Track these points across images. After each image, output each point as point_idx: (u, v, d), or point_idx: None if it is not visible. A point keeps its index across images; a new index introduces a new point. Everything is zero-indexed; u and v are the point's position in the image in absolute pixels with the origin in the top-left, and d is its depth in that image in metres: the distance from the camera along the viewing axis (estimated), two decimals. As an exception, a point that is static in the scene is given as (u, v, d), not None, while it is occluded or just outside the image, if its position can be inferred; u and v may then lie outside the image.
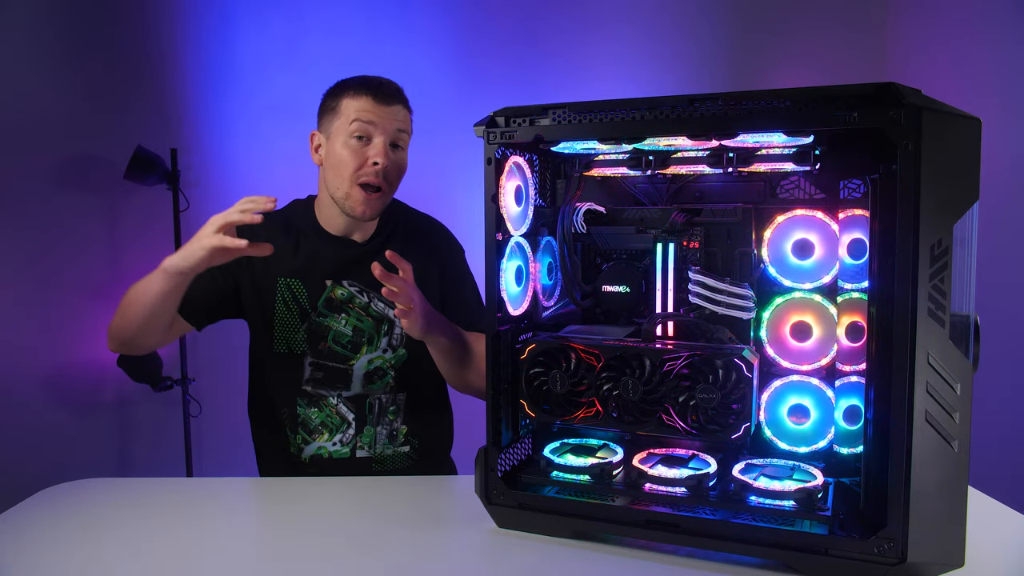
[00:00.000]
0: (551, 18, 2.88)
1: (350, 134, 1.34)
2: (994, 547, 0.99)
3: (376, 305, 1.44)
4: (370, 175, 1.34)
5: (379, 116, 1.34)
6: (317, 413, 1.43)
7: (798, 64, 2.91)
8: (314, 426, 1.43)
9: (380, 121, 1.34)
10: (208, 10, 2.77)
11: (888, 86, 0.84)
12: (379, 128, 1.35)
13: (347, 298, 1.43)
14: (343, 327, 1.42)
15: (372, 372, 1.44)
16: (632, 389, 1.02)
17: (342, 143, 1.35)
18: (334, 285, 1.43)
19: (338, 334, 1.42)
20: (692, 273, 1.11)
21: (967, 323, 0.88)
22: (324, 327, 1.42)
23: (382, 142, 1.35)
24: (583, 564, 0.98)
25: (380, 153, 1.34)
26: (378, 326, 1.44)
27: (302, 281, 1.42)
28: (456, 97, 2.84)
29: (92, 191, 2.66)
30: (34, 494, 1.23)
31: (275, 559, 1.00)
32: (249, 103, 2.79)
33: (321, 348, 1.42)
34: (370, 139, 1.35)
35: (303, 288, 1.42)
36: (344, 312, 1.43)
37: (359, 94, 1.35)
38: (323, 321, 1.42)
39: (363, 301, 1.43)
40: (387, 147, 1.36)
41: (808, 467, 1.06)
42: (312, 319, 1.42)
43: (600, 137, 1.02)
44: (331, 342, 1.42)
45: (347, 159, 1.34)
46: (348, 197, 1.36)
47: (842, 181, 1.08)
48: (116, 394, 2.71)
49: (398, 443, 1.48)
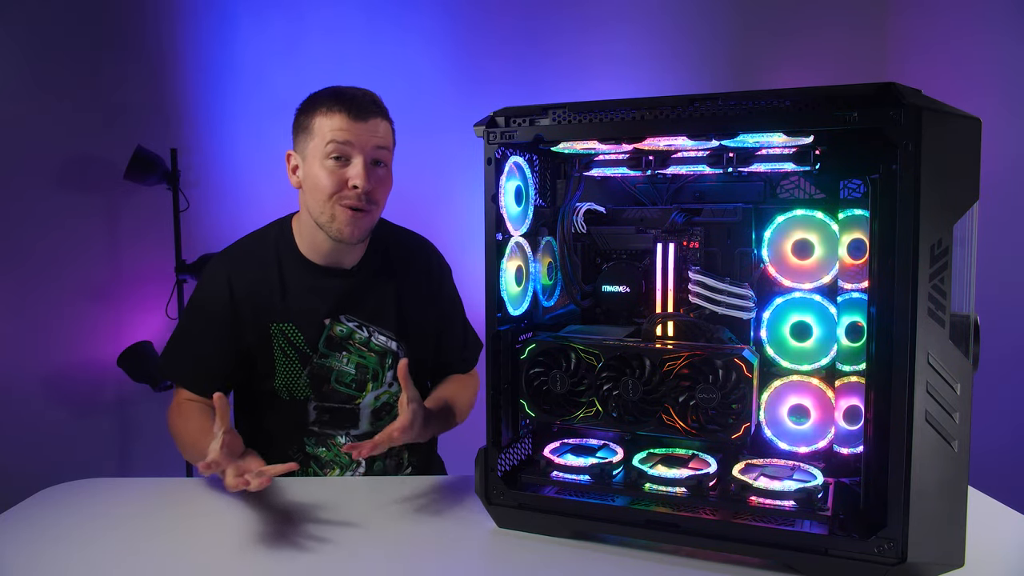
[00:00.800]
0: (551, 18, 2.88)
1: (326, 155, 1.24)
2: (994, 547, 0.99)
3: (377, 339, 1.38)
4: (351, 199, 1.25)
5: (355, 135, 1.24)
6: (325, 452, 1.38)
7: (798, 64, 2.91)
8: (324, 463, 1.38)
9: (357, 140, 1.24)
10: (208, 10, 2.77)
11: (888, 86, 0.84)
12: (356, 148, 1.24)
13: (347, 335, 1.35)
14: (346, 366, 1.35)
15: (379, 408, 1.39)
16: (632, 389, 1.02)
17: (319, 165, 1.25)
18: (332, 323, 1.35)
19: (341, 374, 1.35)
20: (692, 273, 1.11)
21: (967, 323, 0.88)
22: (327, 368, 1.34)
23: (361, 163, 1.25)
24: (583, 564, 0.97)
25: (359, 175, 1.24)
26: (382, 361, 1.38)
27: (296, 325, 1.33)
28: (456, 97, 2.84)
29: (92, 191, 2.66)
30: (34, 494, 1.23)
31: (275, 559, 1.00)
32: (249, 103, 2.79)
33: (325, 390, 1.35)
34: (348, 159, 1.25)
35: (298, 332, 1.33)
36: (345, 350, 1.35)
37: (332, 111, 1.24)
38: (325, 362, 1.34)
39: (363, 336, 1.36)
40: (367, 167, 1.26)
41: (808, 467, 1.06)
42: (314, 362, 1.34)
43: (600, 137, 1.02)
44: (335, 383, 1.35)
45: (325, 183, 1.25)
46: (333, 219, 1.27)
47: (842, 181, 1.08)
48: (116, 394, 2.72)
49: (403, 469, 1.44)
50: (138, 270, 2.72)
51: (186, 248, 2.63)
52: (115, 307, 2.70)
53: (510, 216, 1.09)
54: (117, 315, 2.71)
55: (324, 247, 1.34)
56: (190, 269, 2.55)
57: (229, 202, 2.76)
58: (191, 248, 2.64)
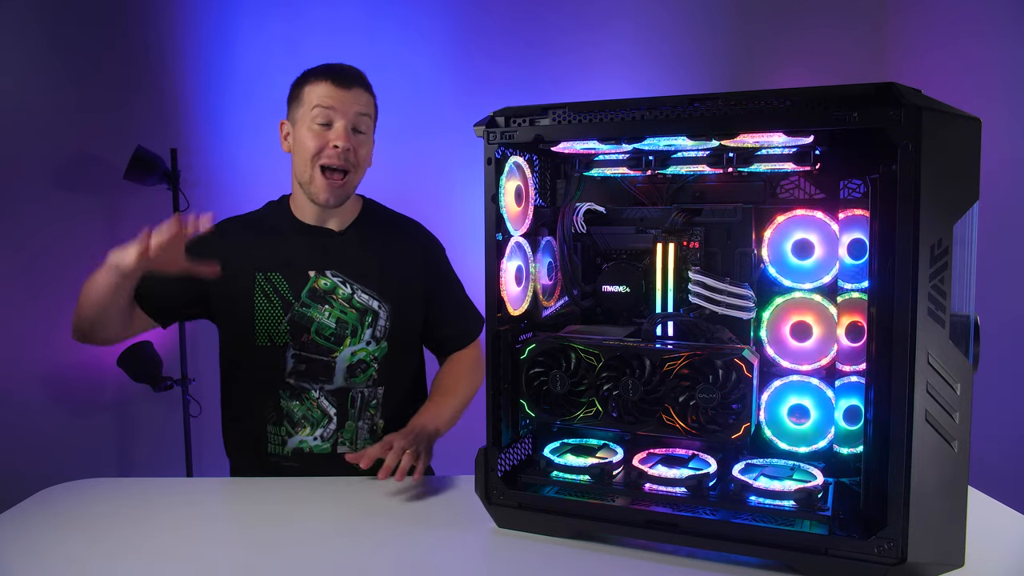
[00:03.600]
0: (551, 18, 2.88)
1: (312, 119, 1.37)
2: (994, 547, 0.99)
3: (360, 296, 1.44)
4: (332, 157, 1.37)
5: (339, 101, 1.37)
6: (299, 406, 1.42)
7: (798, 64, 2.91)
8: (296, 419, 1.42)
9: (340, 106, 1.37)
10: (208, 10, 2.77)
11: (888, 86, 0.84)
12: (339, 112, 1.37)
13: (330, 288, 1.43)
14: (326, 319, 1.42)
15: (355, 365, 1.44)
16: (632, 389, 1.02)
17: (306, 129, 1.38)
18: (317, 275, 1.43)
19: (321, 326, 1.41)
20: (692, 273, 1.11)
21: (967, 323, 0.88)
22: (307, 318, 1.41)
23: (343, 126, 1.37)
24: (583, 564, 0.98)
25: (340, 136, 1.36)
26: (362, 317, 1.44)
27: (282, 274, 1.42)
28: (456, 97, 2.84)
29: (92, 191, 2.66)
30: (34, 494, 1.23)
31: (275, 559, 1.00)
32: (249, 103, 2.79)
33: (304, 340, 1.41)
34: (331, 124, 1.37)
35: (283, 280, 1.42)
36: (327, 303, 1.42)
37: (319, 80, 1.38)
38: (306, 312, 1.41)
39: (346, 292, 1.43)
40: (348, 131, 1.38)
41: (808, 467, 1.06)
42: (295, 310, 1.41)
43: (600, 137, 1.02)
44: (314, 334, 1.41)
45: (309, 143, 1.37)
46: (311, 182, 1.39)
47: (842, 181, 1.08)
48: (116, 394, 2.72)
49: (377, 438, 1.46)
50: (138, 270, 2.72)
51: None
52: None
53: (510, 216, 1.09)
54: (117, 315, 2.71)
55: (311, 208, 1.45)
56: (190, 269, 2.55)
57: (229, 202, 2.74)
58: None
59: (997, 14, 2.28)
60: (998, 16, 2.28)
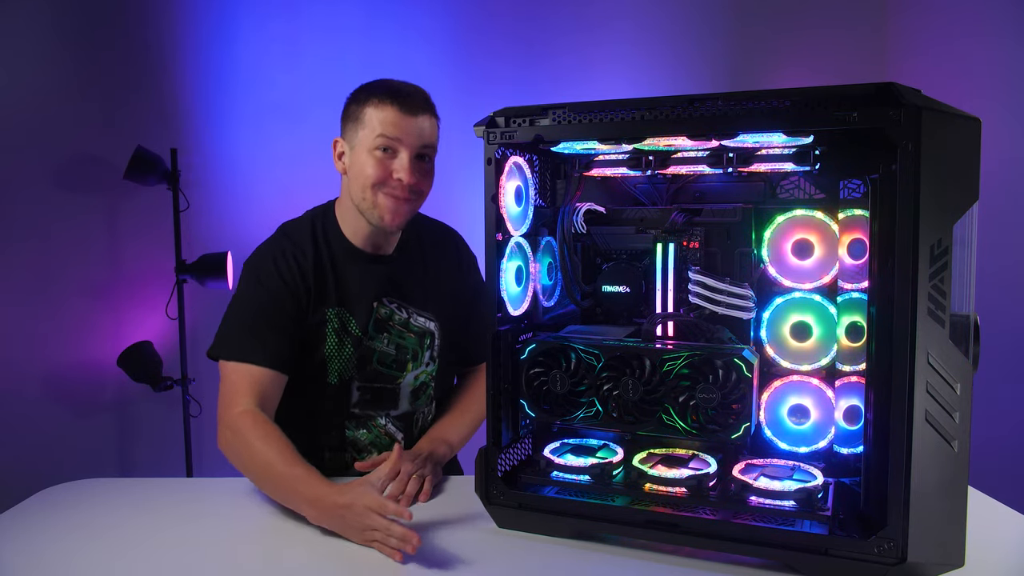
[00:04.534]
0: (551, 18, 2.88)
1: (374, 146, 1.27)
2: (994, 547, 0.99)
3: (416, 320, 1.40)
4: (395, 190, 1.28)
5: (405, 131, 1.26)
6: (366, 434, 1.39)
7: (798, 64, 2.90)
8: (363, 446, 1.39)
9: (405, 136, 1.26)
10: (208, 10, 2.76)
11: (888, 86, 0.84)
12: (404, 143, 1.27)
13: (388, 316, 1.38)
14: (387, 347, 1.37)
15: (418, 388, 1.41)
16: (632, 389, 1.02)
17: (367, 155, 1.28)
18: (378, 306, 1.38)
19: (383, 355, 1.37)
20: (692, 273, 1.11)
21: (967, 323, 0.88)
22: (370, 350, 1.37)
23: (407, 156, 1.27)
24: (583, 564, 0.98)
25: (405, 169, 1.27)
26: (421, 341, 1.41)
27: (349, 310, 1.35)
28: (456, 97, 2.84)
29: (92, 191, 2.66)
30: (34, 494, 1.23)
31: (275, 559, 1.00)
32: (249, 103, 2.79)
33: (368, 371, 1.37)
34: (396, 152, 1.28)
35: (350, 316, 1.35)
36: (386, 331, 1.38)
37: (384, 104, 1.27)
38: (370, 344, 1.37)
39: (403, 318, 1.39)
40: (413, 161, 1.28)
41: (808, 467, 1.06)
42: (364, 344, 1.36)
43: (600, 137, 1.02)
44: (376, 363, 1.37)
45: (371, 172, 1.27)
46: (375, 207, 1.30)
47: (842, 181, 1.08)
48: (116, 394, 2.71)
49: None
50: (138, 270, 2.72)
51: (186, 248, 2.62)
52: (115, 307, 2.70)
53: (510, 216, 1.09)
54: (117, 315, 2.71)
55: (364, 231, 1.36)
56: (190, 269, 2.55)
57: (229, 202, 2.76)
58: (191, 248, 2.64)
59: (997, 14, 2.28)
60: (998, 16, 2.28)
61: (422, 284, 1.43)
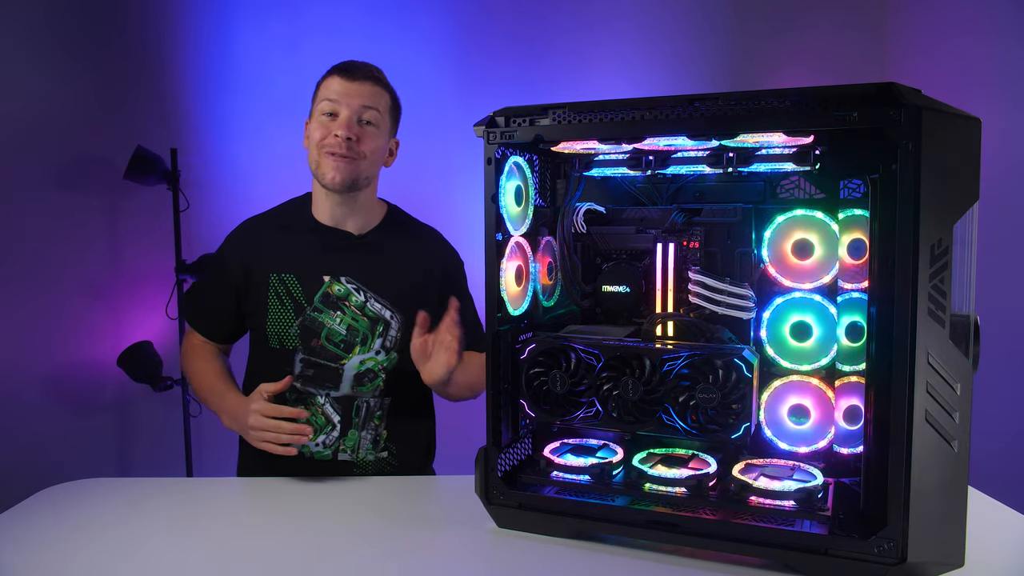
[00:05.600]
0: (551, 18, 2.88)
1: (320, 111, 1.40)
2: (994, 547, 0.99)
3: (372, 305, 1.43)
4: (333, 146, 1.37)
5: (344, 92, 1.39)
6: None
7: (798, 64, 2.90)
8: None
9: (344, 97, 1.39)
10: (208, 10, 2.77)
11: (888, 86, 0.84)
12: (343, 104, 1.38)
13: (343, 295, 1.42)
14: (337, 325, 1.41)
15: (363, 373, 1.43)
16: (632, 389, 1.02)
17: (315, 122, 1.41)
18: (331, 281, 1.42)
19: (332, 332, 1.41)
20: (692, 273, 1.11)
21: (967, 323, 0.88)
22: (318, 323, 1.41)
23: (346, 116, 1.38)
24: (583, 564, 0.98)
25: (342, 125, 1.37)
26: (373, 326, 1.43)
27: (296, 276, 1.42)
28: (456, 97, 2.84)
29: (92, 191, 2.66)
30: (34, 494, 1.23)
31: (275, 559, 1.00)
32: (249, 103, 2.79)
33: (313, 345, 1.41)
34: (337, 114, 1.39)
35: (297, 283, 1.42)
36: (339, 310, 1.42)
37: (331, 75, 1.42)
38: (318, 317, 1.41)
39: (359, 300, 1.42)
40: (351, 120, 1.38)
41: (808, 467, 1.06)
42: (307, 314, 1.41)
43: (600, 137, 1.02)
44: (324, 340, 1.41)
45: (316, 133, 1.40)
46: (319, 166, 1.40)
47: (842, 181, 1.08)
48: (116, 394, 2.71)
49: (379, 448, 1.45)
50: (138, 270, 2.72)
51: (186, 248, 2.63)
52: (115, 307, 2.70)
53: (510, 216, 1.09)
54: (117, 315, 2.71)
55: (326, 206, 1.45)
56: (190, 269, 2.55)
57: (229, 202, 2.76)
58: (191, 248, 2.64)
59: (997, 14, 2.28)
60: (998, 16, 2.28)
61: (387, 270, 1.46)
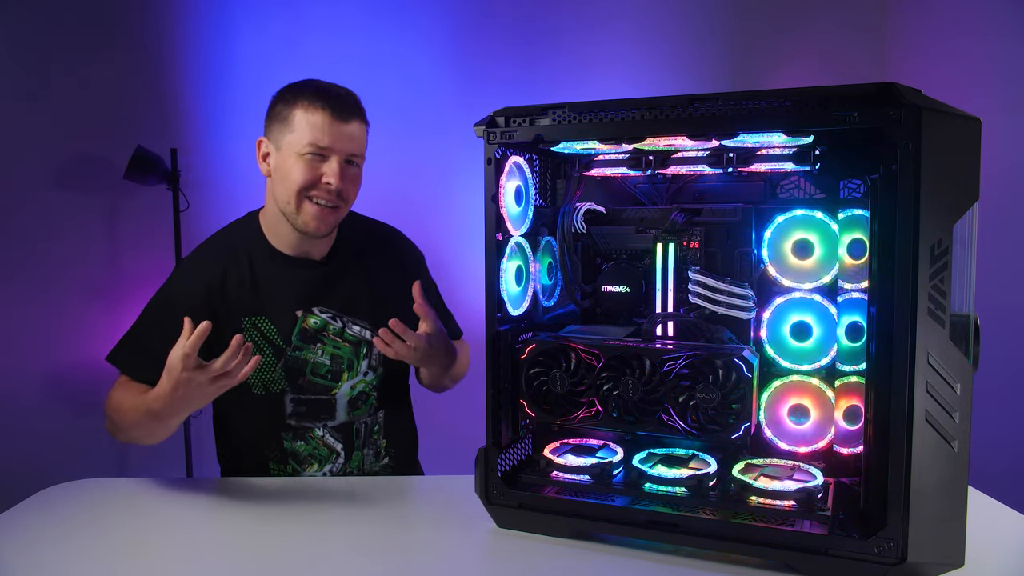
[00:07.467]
0: (551, 18, 2.88)
1: (302, 150, 1.25)
2: (994, 547, 0.99)
3: (351, 329, 1.38)
4: (323, 195, 1.27)
5: (335, 136, 1.26)
6: (304, 446, 1.37)
7: (798, 64, 2.91)
8: (303, 457, 1.38)
9: (336, 142, 1.26)
10: (208, 10, 2.77)
11: (888, 86, 0.84)
12: (335, 150, 1.26)
13: (320, 326, 1.35)
14: (320, 357, 1.35)
15: (356, 398, 1.39)
16: (632, 389, 1.02)
17: (295, 159, 1.26)
18: (305, 315, 1.35)
19: (316, 365, 1.35)
20: (692, 273, 1.11)
21: (967, 323, 0.88)
22: (301, 361, 1.35)
23: (337, 162, 1.27)
24: (583, 564, 0.97)
25: (335, 174, 1.26)
26: (356, 350, 1.39)
27: (268, 318, 1.33)
28: (456, 97, 2.84)
29: (92, 191, 2.66)
30: (34, 494, 1.23)
31: (275, 559, 1.00)
32: (249, 103, 2.78)
33: (301, 383, 1.35)
34: (325, 158, 1.27)
35: (271, 325, 1.33)
36: (319, 341, 1.36)
37: (314, 107, 1.25)
38: (300, 355, 1.34)
39: (337, 327, 1.37)
40: (342, 166, 1.28)
41: (808, 467, 1.06)
42: (288, 355, 1.34)
43: (600, 137, 1.02)
44: (310, 375, 1.35)
45: (299, 177, 1.26)
46: (300, 211, 1.28)
47: (842, 181, 1.08)
48: (116, 394, 2.71)
49: (381, 458, 1.45)
50: (138, 270, 2.72)
51: (186, 248, 2.62)
52: (115, 307, 2.70)
53: (510, 216, 1.09)
54: (117, 315, 2.71)
55: (290, 237, 1.35)
56: (190, 269, 2.55)
57: (229, 202, 2.75)
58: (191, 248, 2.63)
59: (997, 14, 2.28)
60: (998, 16, 2.28)
61: (358, 290, 1.40)
